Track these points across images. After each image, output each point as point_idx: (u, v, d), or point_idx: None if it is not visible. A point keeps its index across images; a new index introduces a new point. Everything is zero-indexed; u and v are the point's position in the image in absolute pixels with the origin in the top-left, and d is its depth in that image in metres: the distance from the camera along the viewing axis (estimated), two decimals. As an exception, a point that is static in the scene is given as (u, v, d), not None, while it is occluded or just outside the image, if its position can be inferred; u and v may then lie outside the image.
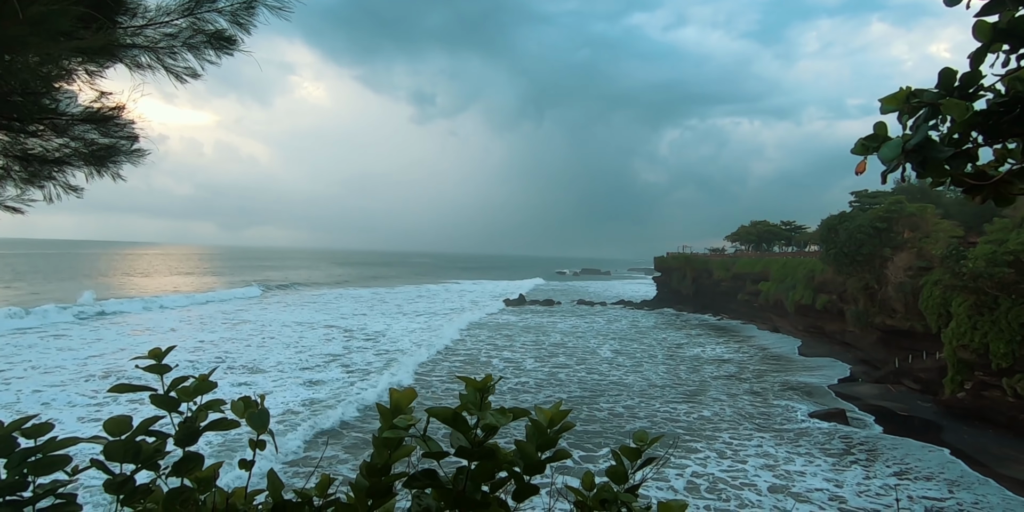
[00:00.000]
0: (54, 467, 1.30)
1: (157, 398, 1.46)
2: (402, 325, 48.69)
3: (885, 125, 1.51)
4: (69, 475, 1.33)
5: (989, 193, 1.48)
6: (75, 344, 34.76)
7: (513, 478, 1.45)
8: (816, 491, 17.43)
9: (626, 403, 26.80)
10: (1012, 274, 23.45)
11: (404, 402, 1.30)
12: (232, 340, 38.12)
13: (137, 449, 1.34)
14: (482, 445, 1.19)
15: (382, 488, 1.27)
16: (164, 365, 1.50)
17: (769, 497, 16.90)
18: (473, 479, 1.23)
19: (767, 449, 20.95)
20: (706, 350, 41.91)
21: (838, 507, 16.42)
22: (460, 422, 1.18)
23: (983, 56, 1.42)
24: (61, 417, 20.46)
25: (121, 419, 1.37)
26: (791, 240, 71.94)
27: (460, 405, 1.21)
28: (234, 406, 1.42)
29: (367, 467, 1.28)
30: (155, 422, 1.41)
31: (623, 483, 1.62)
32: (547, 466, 1.45)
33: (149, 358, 1.52)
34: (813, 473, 18.79)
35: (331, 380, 27.78)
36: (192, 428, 1.45)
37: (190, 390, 1.50)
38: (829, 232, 37.47)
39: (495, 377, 1.24)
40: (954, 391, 25.38)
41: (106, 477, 1.32)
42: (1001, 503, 17.00)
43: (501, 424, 1.15)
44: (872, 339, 35.22)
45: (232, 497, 1.38)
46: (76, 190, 2.45)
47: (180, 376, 1.50)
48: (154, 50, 2.10)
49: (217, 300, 63.38)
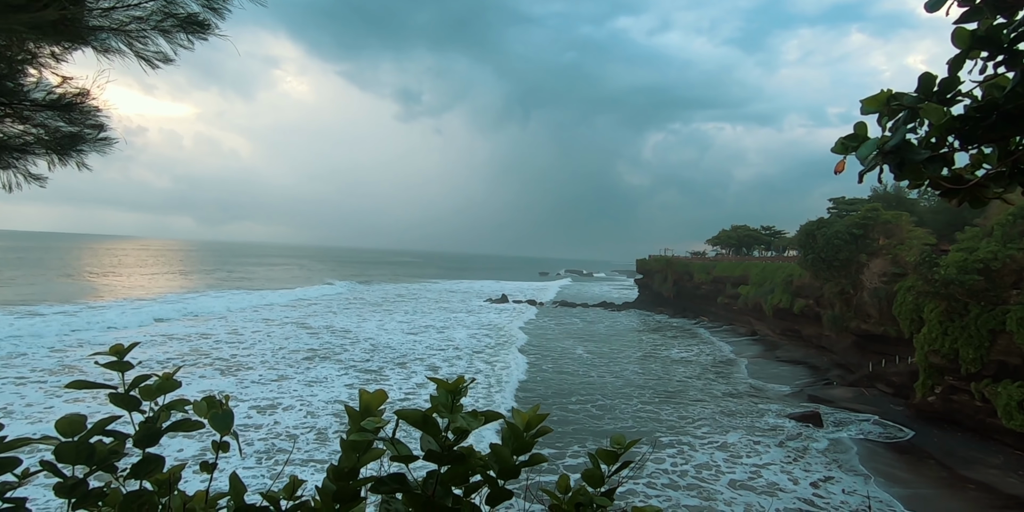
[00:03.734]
0: (2, 470, 1.23)
1: (116, 397, 1.40)
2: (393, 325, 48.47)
3: (865, 125, 1.52)
4: (19, 478, 1.27)
5: (965, 196, 1.50)
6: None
7: (487, 482, 1.42)
8: (788, 492, 17.70)
9: (599, 403, 27.01)
10: (982, 282, 24.04)
11: (374, 404, 1.26)
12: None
13: (91, 450, 1.28)
14: (452, 448, 1.16)
15: (349, 492, 1.23)
16: (125, 362, 1.44)
17: (732, 492, 17.12)
18: (443, 483, 1.19)
19: (739, 449, 21.22)
20: (673, 352, 42.59)
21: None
22: (430, 425, 1.14)
23: (961, 63, 1.43)
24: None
25: (74, 418, 1.31)
26: (771, 245, 73.01)
27: (430, 407, 1.17)
28: (196, 406, 1.36)
29: (334, 471, 1.23)
30: (111, 422, 1.35)
31: (599, 486, 1.60)
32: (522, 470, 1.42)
33: (110, 354, 1.46)
34: (790, 475, 19.08)
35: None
36: (153, 429, 1.40)
37: (152, 389, 1.44)
38: (807, 237, 38.04)
39: (467, 379, 1.21)
40: (925, 395, 25.93)
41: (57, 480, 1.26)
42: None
43: (472, 428, 1.12)
44: (847, 343, 35.84)
45: (192, 501, 1.33)
46: (39, 179, 2.35)
47: (142, 374, 1.44)
48: (123, 33, 2.02)
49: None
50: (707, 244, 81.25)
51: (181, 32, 2.12)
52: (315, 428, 20.54)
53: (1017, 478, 19.24)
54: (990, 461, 20.69)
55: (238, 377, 27.34)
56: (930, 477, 19.42)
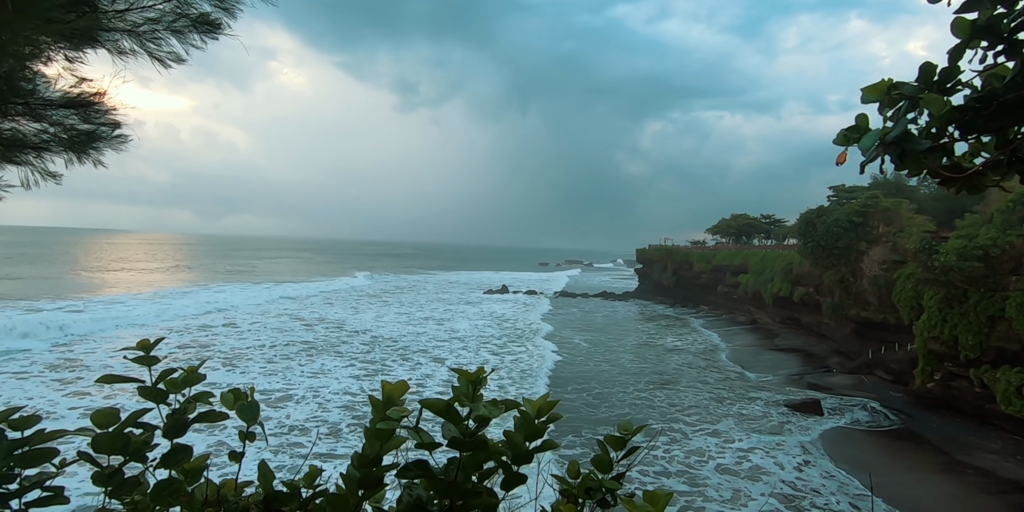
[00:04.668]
0: (41, 459, 1.29)
1: (145, 390, 1.45)
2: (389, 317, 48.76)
3: (867, 117, 1.54)
4: (57, 468, 1.32)
5: (963, 184, 1.53)
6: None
7: (501, 468, 1.48)
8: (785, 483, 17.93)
9: (597, 391, 27.36)
10: (981, 268, 24.10)
11: (396, 394, 1.31)
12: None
13: (125, 441, 1.34)
14: (474, 436, 1.21)
15: (373, 479, 1.28)
16: (152, 356, 1.50)
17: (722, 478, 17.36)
18: (464, 469, 1.25)
19: (731, 434, 21.47)
20: (667, 341, 43.03)
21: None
22: (453, 413, 1.20)
23: (961, 52, 1.44)
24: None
25: (109, 411, 1.37)
26: (770, 233, 72.98)
27: (453, 397, 1.23)
28: (223, 398, 1.42)
29: (358, 458, 1.29)
30: (143, 414, 1.41)
31: (608, 471, 1.66)
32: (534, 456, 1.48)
33: (137, 349, 1.51)
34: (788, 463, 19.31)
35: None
36: (180, 420, 1.45)
37: (178, 382, 1.49)
38: (807, 226, 38.03)
39: (487, 369, 1.26)
40: (924, 382, 26.11)
41: (94, 469, 1.32)
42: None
43: (493, 416, 1.17)
44: (847, 331, 36.01)
45: (223, 489, 1.39)
46: (55, 176, 2.39)
47: (168, 368, 1.50)
48: (136, 34, 2.05)
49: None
50: (707, 233, 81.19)
51: (193, 32, 2.14)
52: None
53: (1015, 463, 19.45)
54: (989, 446, 20.90)
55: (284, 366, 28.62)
56: (928, 463, 19.63)
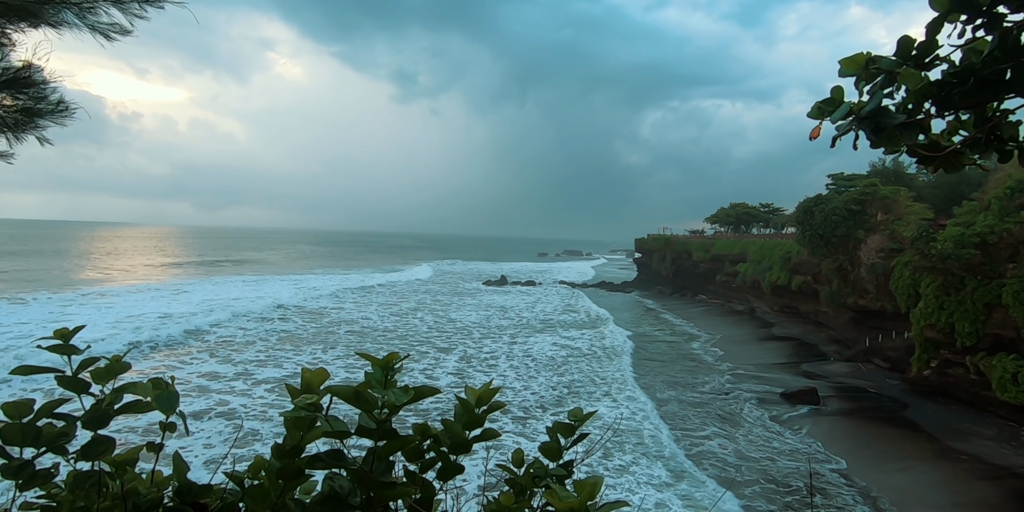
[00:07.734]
0: (-55, 452, 1.24)
1: (64, 380, 1.40)
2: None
3: (842, 89, 1.48)
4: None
5: (941, 163, 1.48)
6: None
7: (440, 458, 1.43)
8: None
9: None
10: (978, 256, 24.06)
11: (316, 382, 1.26)
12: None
13: (37, 433, 1.29)
14: (385, 423, 1.16)
15: (292, 470, 1.23)
16: (71, 346, 1.44)
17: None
18: (380, 458, 1.20)
19: (727, 426, 21.52)
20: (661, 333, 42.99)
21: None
22: (363, 400, 1.15)
23: (939, 26, 1.38)
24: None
25: (22, 402, 1.31)
26: (769, 222, 72.79)
27: (363, 383, 1.17)
28: (141, 388, 1.36)
29: (277, 448, 1.24)
30: (59, 405, 1.35)
31: (557, 459, 1.61)
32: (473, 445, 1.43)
33: (55, 338, 1.45)
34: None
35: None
36: (101, 411, 1.40)
37: (102, 372, 1.44)
38: (805, 214, 37.93)
39: (401, 355, 1.21)
40: (921, 369, 26.18)
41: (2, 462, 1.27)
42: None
43: (400, 402, 1.12)
44: (844, 319, 36.05)
45: (135, 482, 1.34)
46: (3, 156, 2.32)
47: (90, 357, 1.44)
48: (75, 5, 1.97)
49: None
50: (706, 222, 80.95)
51: (134, 1, 2.06)
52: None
53: (1010, 449, 19.55)
54: (984, 433, 20.99)
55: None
56: (924, 449, 19.71)
